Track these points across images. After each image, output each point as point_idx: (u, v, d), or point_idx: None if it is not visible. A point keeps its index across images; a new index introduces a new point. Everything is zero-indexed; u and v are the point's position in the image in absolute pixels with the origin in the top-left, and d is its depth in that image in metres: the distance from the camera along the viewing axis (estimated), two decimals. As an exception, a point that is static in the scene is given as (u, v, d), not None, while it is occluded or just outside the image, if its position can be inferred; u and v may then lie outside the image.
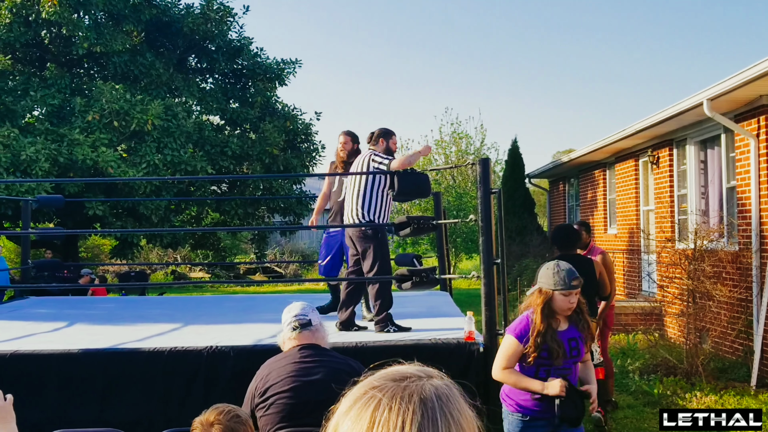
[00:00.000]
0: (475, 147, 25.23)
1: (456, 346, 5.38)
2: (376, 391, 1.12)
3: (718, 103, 9.04)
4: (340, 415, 1.14)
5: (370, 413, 1.09)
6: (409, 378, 1.14)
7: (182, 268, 26.14)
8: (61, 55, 17.66)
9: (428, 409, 1.09)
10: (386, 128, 6.50)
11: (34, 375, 5.16)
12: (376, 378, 1.16)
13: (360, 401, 1.12)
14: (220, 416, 2.79)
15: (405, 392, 1.11)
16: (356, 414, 1.11)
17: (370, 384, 1.15)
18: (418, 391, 1.11)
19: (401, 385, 1.12)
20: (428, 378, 1.15)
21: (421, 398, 1.10)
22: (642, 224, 13.54)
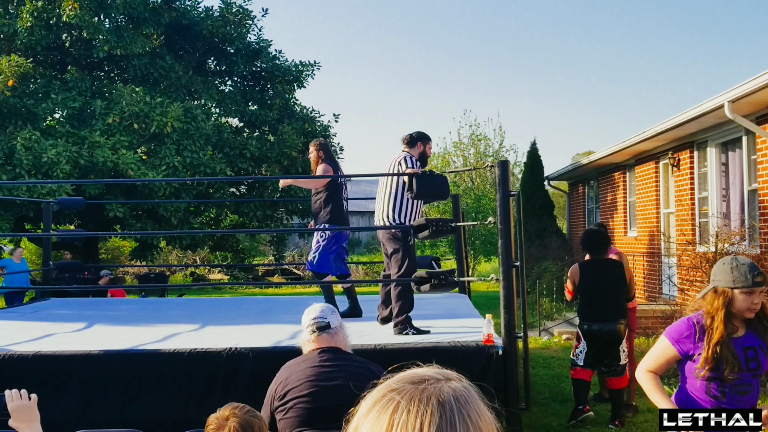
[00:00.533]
0: (494, 149, 25.19)
1: (475, 349, 5.36)
2: (395, 394, 1.13)
3: (739, 105, 8.97)
4: (359, 418, 1.15)
5: (389, 416, 1.10)
6: (427, 380, 1.15)
7: (201, 270, 26.25)
8: (82, 58, 17.80)
9: (446, 411, 1.09)
10: (424, 132, 6.55)
11: (56, 375, 5.20)
12: (395, 381, 1.17)
13: (379, 404, 1.13)
14: (235, 410, 2.83)
15: (423, 395, 1.11)
16: (375, 417, 1.12)
17: (388, 387, 1.15)
18: (436, 393, 1.12)
19: (419, 387, 1.13)
20: (446, 380, 1.16)
21: (439, 400, 1.11)
22: (662, 227, 13.45)
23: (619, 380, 7.11)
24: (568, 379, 9.22)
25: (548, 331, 13.28)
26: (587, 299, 7.09)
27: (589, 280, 7.10)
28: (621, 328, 6.99)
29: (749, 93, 8.43)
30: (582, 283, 7.15)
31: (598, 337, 6.97)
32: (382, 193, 6.39)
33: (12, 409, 2.54)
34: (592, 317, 7.01)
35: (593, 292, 7.05)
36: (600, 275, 7.09)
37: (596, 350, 7.05)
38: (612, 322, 6.96)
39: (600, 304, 6.99)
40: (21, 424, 2.55)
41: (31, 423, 2.57)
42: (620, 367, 7.06)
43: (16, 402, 2.55)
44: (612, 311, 6.98)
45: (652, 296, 13.50)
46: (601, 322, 6.95)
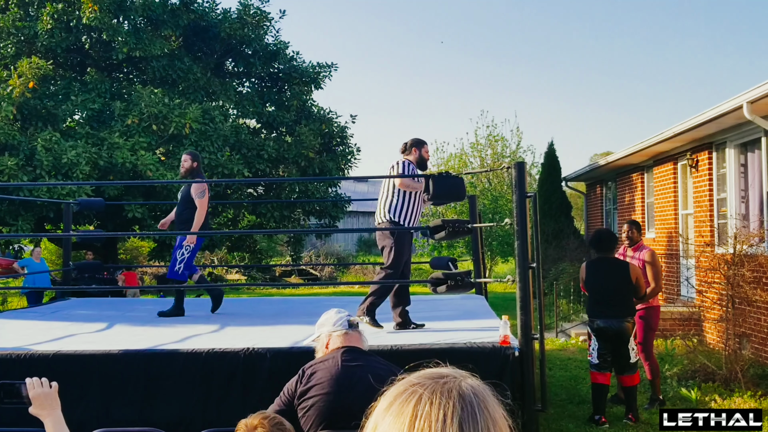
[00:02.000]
0: (511, 150, 25.11)
1: (491, 350, 5.37)
2: (417, 387, 1.16)
3: (758, 105, 8.93)
4: (379, 413, 1.18)
5: (412, 407, 1.13)
6: (446, 376, 1.18)
7: (219, 270, 26.37)
8: (101, 60, 17.94)
9: (467, 404, 1.13)
10: (418, 138, 6.85)
11: (77, 375, 5.26)
12: (415, 377, 1.20)
13: (401, 397, 1.16)
14: (264, 421, 2.84)
15: (444, 388, 1.15)
16: (397, 409, 1.14)
17: (409, 382, 1.19)
18: (456, 387, 1.15)
19: (440, 382, 1.16)
20: (463, 377, 1.20)
21: (460, 394, 1.14)
22: (680, 228, 13.39)
23: (630, 378, 7.26)
24: (585, 381, 9.21)
25: (565, 332, 13.25)
26: (593, 297, 7.32)
27: (594, 278, 7.33)
28: (627, 326, 7.15)
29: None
30: (587, 281, 7.40)
31: (605, 334, 7.14)
32: (381, 194, 6.73)
33: (33, 396, 2.58)
34: (596, 314, 7.22)
35: (597, 290, 7.27)
36: (603, 273, 7.29)
37: (606, 347, 7.18)
38: (616, 319, 7.12)
39: (604, 301, 7.18)
40: (42, 411, 2.58)
41: (52, 410, 2.60)
42: (630, 366, 7.20)
43: (37, 390, 2.59)
44: (616, 309, 7.15)
45: (670, 298, 13.44)
46: (604, 319, 7.14)
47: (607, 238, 7.46)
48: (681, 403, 7.96)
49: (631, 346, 7.17)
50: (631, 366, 7.19)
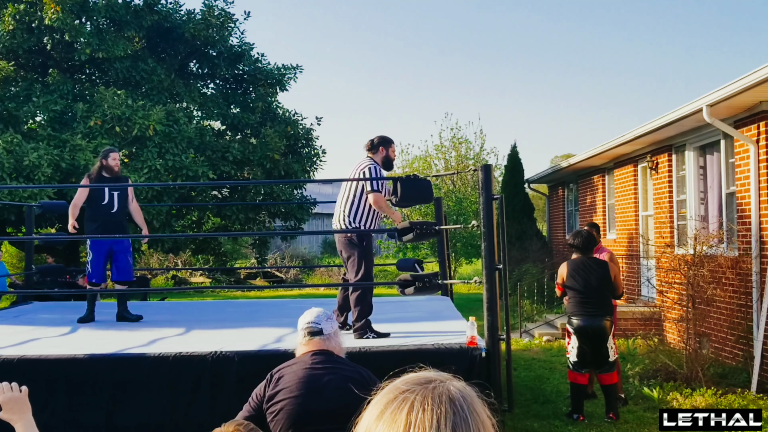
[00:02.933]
0: (475, 152, 25.29)
1: (459, 351, 5.43)
2: (407, 394, 1.17)
3: (717, 109, 9.10)
4: (370, 421, 1.18)
5: (405, 415, 1.14)
6: (433, 381, 1.20)
7: (183, 273, 26.17)
8: (64, 61, 17.72)
9: (458, 408, 1.15)
10: (386, 136, 6.67)
11: (42, 379, 5.21)
12: (402, 383, 1.21)
13: (392, 405, 1.17)
14: (240, 427, 2.84)
15: (434, 393, 1.16)
16: (390, 417, 1.15)
17: (397, 389, 1.19)
18: (445, 392, 1.17)
19: (429, 387, 1.18)
20: (449, 380, 1.21)
21: (450, 398, 1.16)
22: (641, 229, 13.60)
23: (609, 376, 7.41)
24: (549, 381, 9.33)
25: (529, 332, 13.38)
26: (575, 296, 7.41)
27: (576, 278, 7.44)
28: (606, 324, 7.33)
29: (727, 97, 8.56)
30: (570, 280, 7.49)
31: (586, 332, 7.29)
32: (341, 197, 6.53)
33: (3, 401, 2.55)
34: (578, 313, 7.35)
35: (580, 289, 7.38)
36: (586, 273, 7.43)
37: (586, 346, 7.33)
38: (596, 317, 7.31)
39: (586, 300, 7.34)
40: (13, 416, 2.56)
41: (23, 414, 2.58)
42: (609, 364, 7.36)
43: (7, 394, 2.56)
44: (597, 308, 7.33)
45: (630, 298, 13.63)
46: (587, 318, 7.30)
47: (589, 239, 7.63)
48: (643, 402, 8.09)
49: (610, 344, 7.36)
50: (610, 364, 7.37)
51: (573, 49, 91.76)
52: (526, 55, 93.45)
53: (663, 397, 8.13)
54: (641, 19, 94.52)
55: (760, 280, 8.79)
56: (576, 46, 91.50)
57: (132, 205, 7.96)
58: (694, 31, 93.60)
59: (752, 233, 8.95)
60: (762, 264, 8.82)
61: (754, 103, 8.89)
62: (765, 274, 8.70)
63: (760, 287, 8.79)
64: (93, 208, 7.67)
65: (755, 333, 8.77)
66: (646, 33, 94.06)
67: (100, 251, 7.74)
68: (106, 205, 7.67)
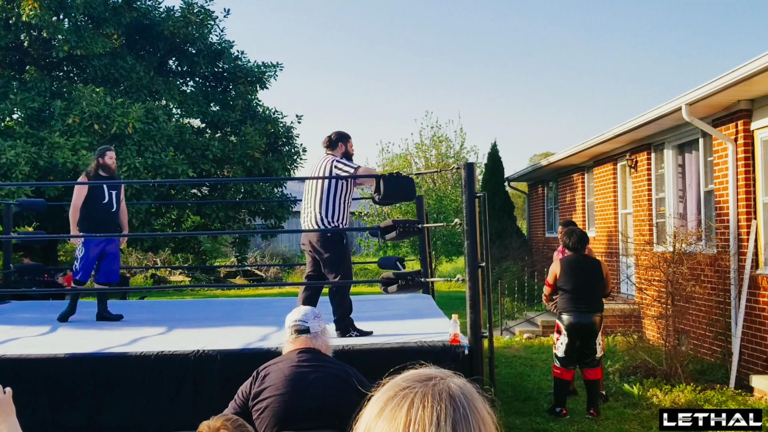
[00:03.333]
0: (455, 150, 25.29)
1: (441, 349, 5.43)
2: (407, 392, 1.17)
3: (696, 108, 9.18)
4: (370, 419, 1.18)
5: (405, 412, 1.14)
6: (434, 378, 1.20)
7: (162, 272, 26.03)
8: (41, 58, 17.57)
9: (459, 406, 1.15)
10: (343, 132, 6.55)
11: (22, 379, 5.16)
12: (402, 380, 1.20)
13: (392, 402, 1.17)
14: (227, 422, 2.83)
15: (434, 390, 1.16)
16: (390, 414, 1.15)
17: (398, 386, 1.19)
18: (446, 389, 1.17)
19: (429, 384, 1.18)
20: (449, 377, 1.21)
21: (450, 395, 1.16)
22: (620, 227, 13.69)
23: (595, 372, 7.51)
24: (530, 378, 9.37)
25: (510, 330, 13.44)
26: (569, 292, 7.50)
27: (571, 275, 7.54)
28: (597, 320, 7.46)
29: (706, 96, 8.64)
30: (564, 277, 7.56)
31: (578, 328, 7.39)
32: (309, 195, 6.30)
33: None
34: (571, 309, 7.44)
35: (575, 286, 7.48)
36: (580, 270, 7.56)
37: (576, 342, 7.42)
38: (589, 314, 7.43)
39: (579, 297, 7.45)
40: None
41: (7, 416, 2.56)
42: (596, 360, 7.47)
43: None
44: (590, 304, 7.47)
45: (610, 295, 13.72)
46: (580, 314, 7.41)
47: (583, 237, 7.76)
48: (624, 399, 8.16)
49: (598, 340, 7.47)
50: (597, 360, 7.49)
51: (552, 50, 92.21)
52: (506, 55, 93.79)
53: (643, 393, 8.19)
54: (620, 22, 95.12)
55: (738, 277, 8.88)
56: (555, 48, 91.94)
57: (121, 204, 7.87)
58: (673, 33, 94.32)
59: (730, 231, 9.04)
60: (740, 261, 8.91)
61: (732, 102, 8.98)
62: (743, 271, 8.79)
63: (738, 284, 8.88)
64: (91, 207, 7.53)
65: (733, 329, 8.86)
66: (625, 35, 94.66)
67: (94, 252, 7.62)
68: (107, 204, 7.55)
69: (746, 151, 8.86)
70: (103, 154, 7.65)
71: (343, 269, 6.19)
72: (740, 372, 8.60)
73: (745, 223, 8.83)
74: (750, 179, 8.82)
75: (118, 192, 7.68)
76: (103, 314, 7.74)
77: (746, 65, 7.71)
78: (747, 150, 8.86)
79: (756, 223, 8.71)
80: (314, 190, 6.26)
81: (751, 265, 8.68)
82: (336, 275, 6.16)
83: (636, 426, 7.09)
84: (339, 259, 6.17)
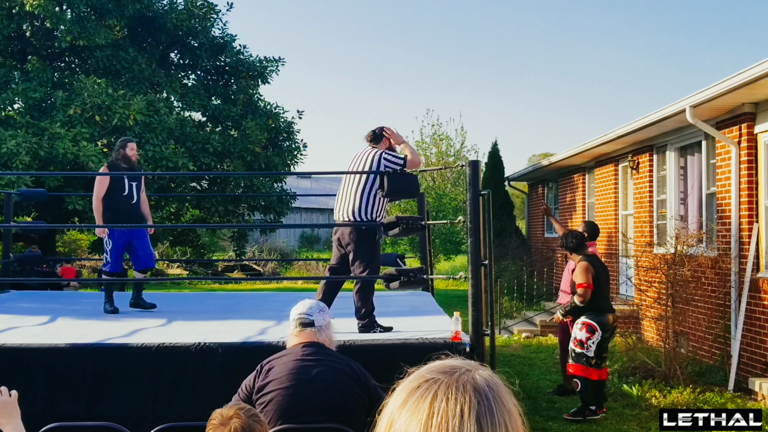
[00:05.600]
0: (456, 149, 25.30)
1: (443, 346, 5.41)
2: (431, 383, 1.15)
3: (700, 110, 9.18)
4: (394, 409, 1.17)
5: (428, 404, 1.12)
6: (459, 369, 1.18)
7: (160, 265, 26.02)
8: (43, 49, 17.54)
9: (483, 398, 1.13)
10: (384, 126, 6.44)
11: (22, 368, 5.15)
12: (426, 371, 1.19)
13: (415, 393, 1.15)
14: (240, 411, 2.83)
15: (459, 382, 1.14)
16: (413, 406, 1.14)
17: (422, 377, 1.17)
18: (470, 381, 1.15)
19: (453, 376, 1.16)
20: (475, 369, 1.19)
21: (474, 387, 1.14)
22: (621, 228, 13.68)
23: (605, 370, 7.64)
24: (528, 377, 9.37)
25: (508, 329, 13.43)
26: (599, 291, 7.53)
27: (601, 274, 7.61)
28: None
29: (711, 99, 8.63)
30: (596, 278, 7.57)
31: (611, 326, 7.48)
32: (350, 187, 6.13)
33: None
34: (605, 308, 7.52)
35: (603, 285, 7.58)
36: (602, 269, 7.68)
37: (606, 340, 7.50)
38: (613, 311, 7.63)
39: (607, 295, 7.63)
40: (2, 419, 2.55)
41: (12, 419, 2.57)
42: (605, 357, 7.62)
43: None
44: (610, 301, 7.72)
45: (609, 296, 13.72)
46: (611, 312, 7.54)
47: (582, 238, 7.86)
48: (622, 399, 8.16)
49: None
50: (605, 358, 7.57)
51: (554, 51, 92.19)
52: (508, 55, 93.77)
53: (642, 394, 8.19)
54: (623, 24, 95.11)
55: (739, 280, 8.88)
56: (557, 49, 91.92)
57: (142, 195, 7.82)
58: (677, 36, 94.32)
59: (732, 233, 9.03)
60: (741, 264, 8.91)
61: (736, 105, 8.97)
62: (744, 274, 8.78)
63: (738, 287, 8.88)
64: (113, 199, 7.48)
65: (733, 332, 8.86)
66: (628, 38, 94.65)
67: (120, 241, 7.57)
68: (127, 196, 7.49)
69: (749, 154, 8.85)
70: (124, 145, 7.57)
71: (372, 265, 6.03)
72: (739, 375, 8.60)
73: (747, 226, 8.82)
74: (752, 182, 8.81)
75: (138, 183, 7.62)
76: (138, 302, 7.72)
77: (751, 68, 7.70)
78: (750, 153, 8.86)
79: (758, 226, 8.70)
80: (354, 182, 6.10)
81: (752, 269, 8.67)
82: (364, 270, 5.99)
83: (635, 426, 7.08)
84: (371, 254, 6.02)
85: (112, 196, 7.46)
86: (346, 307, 6.74)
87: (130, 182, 7.51)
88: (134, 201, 7.57)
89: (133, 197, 7.54)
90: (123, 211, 7.49)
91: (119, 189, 7.45)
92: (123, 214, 7.47)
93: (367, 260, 6.01)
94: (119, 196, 7.47)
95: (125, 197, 7.49)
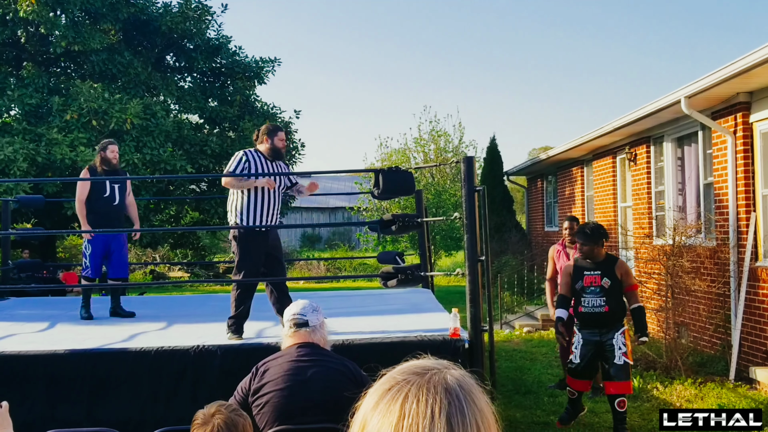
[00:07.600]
0: (454, 145, 25.28)
1: (442, 343, 5.43)
2: (402, 385, 1.15)
3: (695, 100, 9.17)
4: (367, 411, 1.17)
5: (399, 406, 1.12)
6: (430, 370, 1.17)
7: (161, 268, 26.03)
8: (38, 54, 17.54)
9: (454, 398, 1.12)
10: (274, 125, 6.57)
11: (21, 375, 5.16)
12: (398, 372, 1.18)
13: (387, 395, 1.15)
14: (222, 408, 2.89)
15: (430, 383, 1.14)
16: (385, 408, 1.13)
17: (393, 379, 1.17)
18: (441, 381, 1.14)
19: (425, 377, 1.15)
20: (447, 369, 1.18)
21: (445, 388, 1.13)
22: (620, 220, 13.68)
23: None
24: (530, 372, 9.37)
25: (509, 324, 13.44)
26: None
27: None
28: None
29: (705, 89, 8.62)
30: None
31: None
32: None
33: None
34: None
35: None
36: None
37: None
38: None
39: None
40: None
41: (3, 430, 2.56)
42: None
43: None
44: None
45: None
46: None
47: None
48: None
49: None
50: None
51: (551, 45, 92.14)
52: (505, 49, 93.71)
53: (643, 386, 8.19)
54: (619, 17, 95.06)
55: (738, 269, 8.88)
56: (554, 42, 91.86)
57: (128, 198, 7.87)
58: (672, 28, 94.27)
59: (730, 223, 9.03)
60: (740, 254, 8.90)
61: (731, 95, 8.96)
62: (743, 263, 8.78)
63: (737, 277, 8.88)
64: (94, 201, 7.55)
65: (733, 322, 8.85)
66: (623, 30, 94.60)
67: (98, 246, 7.62)
68: (108, 198, 7.56)
69: (745, 143, 8.85)
70: (105, 147, 7.67)
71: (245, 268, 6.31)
72: (740, 364, 8.60)
73: (745, 216, 8.82)
74: (749, 171, 8.81)
75: (122, 186, 7.68)
76: (117, 311, 7.73)
77: (745, 57, 7.69)
78: (746, 142, 8.85)
79: (755, 215, 8.70)
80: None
81: (751, 258, 8.67)
82: (236, 272, 6.31)
83: (636, 418, 7.08)
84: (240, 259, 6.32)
85: (94, 198, 7.53)
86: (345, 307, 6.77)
87: (112, 185, 7.57)
88: (116, 203, 7.62)
89: (114, 199, 7.60)
90: (104, 212, 7.55)
91: (100, 191, 7.52)
92: (104, 216, 7.53)
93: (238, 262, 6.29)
94: (101, 199, 7.53)
95: (106, 199, 7.55)
